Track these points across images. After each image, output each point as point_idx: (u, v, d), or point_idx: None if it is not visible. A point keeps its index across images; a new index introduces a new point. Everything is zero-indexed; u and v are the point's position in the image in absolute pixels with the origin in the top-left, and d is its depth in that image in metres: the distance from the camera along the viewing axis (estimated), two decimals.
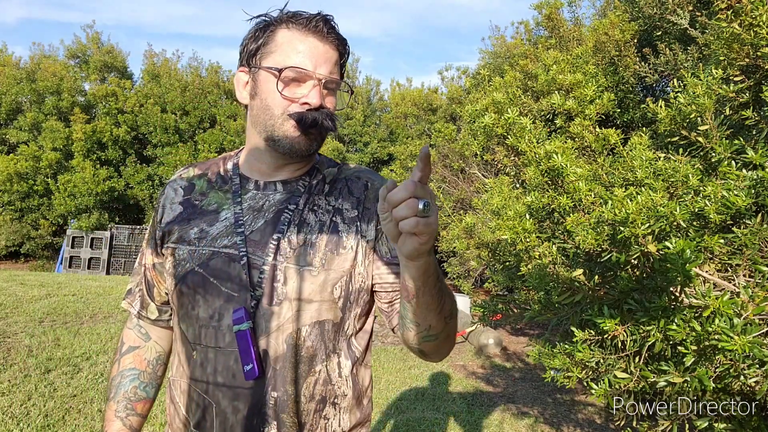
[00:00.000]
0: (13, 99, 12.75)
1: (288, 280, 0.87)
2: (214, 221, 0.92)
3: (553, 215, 1.72)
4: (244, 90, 0.93)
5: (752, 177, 1.31)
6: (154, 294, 1.01)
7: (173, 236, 0.93)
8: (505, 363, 5.55)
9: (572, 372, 1.52)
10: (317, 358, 0.88)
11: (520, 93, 3.37)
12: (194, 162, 1.07)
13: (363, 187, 0.97)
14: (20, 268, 12.07)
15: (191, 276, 0.89)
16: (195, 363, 0.88)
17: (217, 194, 0.95)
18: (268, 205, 0.92)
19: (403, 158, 12.68)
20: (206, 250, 0.89)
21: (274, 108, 0.87)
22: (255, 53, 0.89)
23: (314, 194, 0.94)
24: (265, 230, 0.90)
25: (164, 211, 0.97)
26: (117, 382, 1.01)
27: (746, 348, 1.06)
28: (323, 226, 0.91)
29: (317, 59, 0.86)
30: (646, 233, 1.21)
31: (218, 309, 0.87)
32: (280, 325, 0.86)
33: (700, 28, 2.91)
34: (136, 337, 1.04)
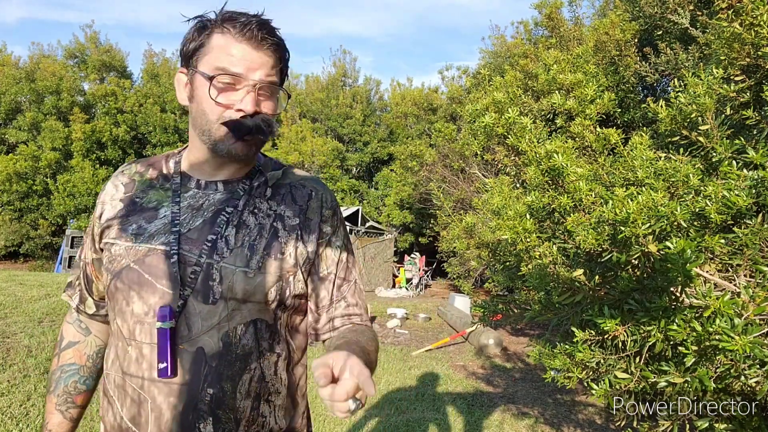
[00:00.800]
0: (12, 99, 12.74)
1: (224, 279, 0.87)
2: (152, 218, 0.92)
3: (553, 215, 1.72)
4: (183, 91, 0.92)
5: (753, 177, 1.31)
6: (92, 289, 1.02)
7: (111, 232, 0.93)
8: (506, 363, 5.55)
9: (573, 372, 1.52)
10: (252, 356, 0.90)
11: (520, 93, 3.36)
12: (137, 159, 1.06)
13: (306, 197, 0.98)
14: (19, 268, 12.06)
15: (126, 272, 0.89)
16: (130, 358, 0.88)
17: (158, 192, 0.95)
18: (207, 205, 0.93)
19: (403, 158, 12.64)
20: (143, 247, 0.89)
21: (209, 113, 0.87)
22: (192, 55, 0.89)
23: (255, 197, 0.95)
24: (202, 229, 0.90)
25: (104, 207, 0.97)
26: (57, 377, 1.03)
27: (747, 348, 1.06)
28: (263, 230, 0.92)
29: (250, 64, 0.86)
30: (646, 233, 1.21)
31: (153, 306, 0.87)
32: (216, 324, 0.87)
33: (701, 27, 2.91)
34: (75, 332, 1.05)
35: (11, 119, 13.09)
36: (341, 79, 18.32)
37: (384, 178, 16.25)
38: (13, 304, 5.26)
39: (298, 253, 0.94)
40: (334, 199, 1.02)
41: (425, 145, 12.17)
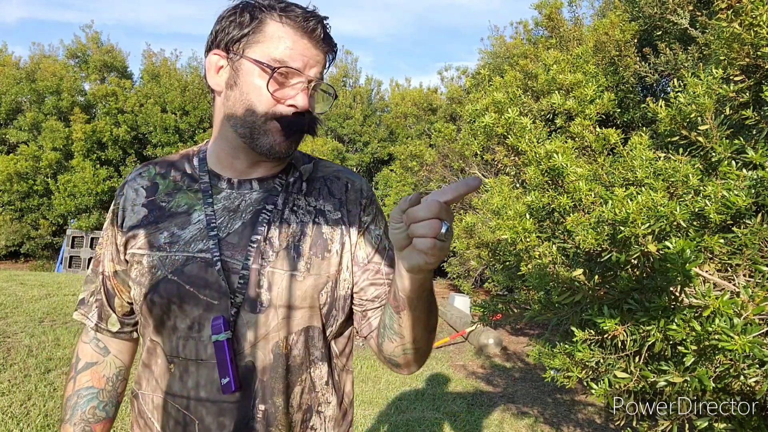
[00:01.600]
0: (12, 99, 12.75)
1: (273, 285, 0.81)
2: (185, 224, 0.84)
3: (553, 215, 1.72)
4: (217, 75, 0.84)
5: (752, 177, 1.31)
6: (114, 304, 0.92)
7: (139, 241, 0.85)
8: (505, 363, 5.55)
9: (572, 372, 1.52)
10: (303, 366, 0.84)
11: (520, 93, 3.37)
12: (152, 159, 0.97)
13: (344, 188, 0.92)
14: (20, 268, 12.07)
15: (164, 284, 0.81)
16: (173, 377, 0.82)
17: (186, 195, 0.87)
18: (244, 205, 0.85)
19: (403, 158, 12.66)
20: (179, 256, 0.82)
21: (258, 106, 0.80)
22: (239, 40, 0.81)
23: (292, 193, 0.89)
24: (243, 232, 0.83)
25: (125, 214, 0.88)
26: (73, 403, 0.92)
27: (746, 348, 1.06)
28: (305, 228, 0.86)
29: (309, 60, 0.81)
30: (646, 233, 1.21)
31: (197, 319, 0.80)
32: (266, 334, 0.81)
33: (701, 27, 2.91)
34: (93, 352, 0.95)
35: (12, 119, 13.09)
36: (342, 79, 18.33)
37: (384, 178, 16.24)
38: (13, 303, 5.26)
39: (345, 249, 0.87)
40: (370, 188, 0.96)
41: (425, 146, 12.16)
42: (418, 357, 0.84)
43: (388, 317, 0.80)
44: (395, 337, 0.80)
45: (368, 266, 0.89)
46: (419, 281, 0.69)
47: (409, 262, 0.63)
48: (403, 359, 0.84)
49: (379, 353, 0.88)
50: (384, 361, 0.88)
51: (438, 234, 0.58)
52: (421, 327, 0.78)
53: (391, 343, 0.82)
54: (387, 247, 0.92)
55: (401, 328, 0.78)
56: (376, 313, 0.89)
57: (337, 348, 0.90)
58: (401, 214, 0.61)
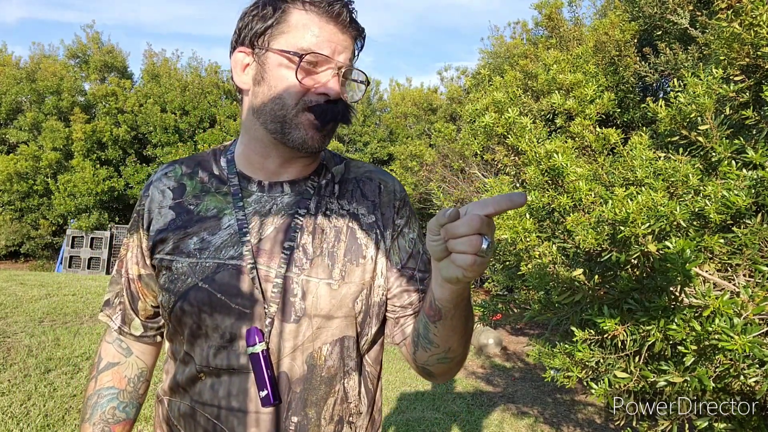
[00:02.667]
0: (13, 99, 12.76)
1: (306, 294, 0.78)
2: (215, 229, 0.81)
3: (553, 215, 1.72)
4: (243, 74, 0.82)
5: (752, 177, 1.31)
6: (138, 308, 0.90)
7: (167, 246, 0.82)
8: (505, 363, 5.55)
9: (572, 372, 1.52)
10: (337, 377, 0.81)
11: (520, 93, 3.36)
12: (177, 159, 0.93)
13: (376, 189, 0.89)
14: (20, 268, 12.07)
15: (194, 292, 0.78)
16: (203, 385, 0.79)
17: (215, 197, 0.84)
18: (276, 210, 0.82)
19: (403, 158, 12.67)
20: (210, 263, 0.79)
21: (287, 97, 0.77)
22: (263, 33, 0.78)
23: (325, 196, 0.85)
24: (275, 238, 0.80)
25: (152, 216, 0.85)
26: (93, 402, 0.90)
27: (746, 348, 1.06)
28: (339, 233, 0.83)
29: (336, 46, 0.77)
30: (646, 233, 1.21)
31: (229, 328, 0.77)
32: (301, 344, 0.78)
33: (701, 27, 2.91)
34: (115, 352, 0.93)
35: (12, 119, 13.09)
36: None
37: None
38: (13, 303, 5.26)
39: (379, 254, 0.84)
40: (402, 189, 0.92)
41: (425, 145, 12.16)
42: (453, 366, 0.82)
43: (423, 326, 0.78)
44: (430, 347, 0.78)
45: (402, 272, 0.86)
46: (457, 291, 0.67)
47: (447, 273, 0.61)
48: (437, 368, 0.82)
49: (412, 362, 0.85)
50: (417, 369, 0.85)
51: (479, 250, 0.56)
52: (457, 336, 0.76)
53: (425, 352, 0.80)
54: (421, 251, 0.89)
55: (436, 338, 0.76)
56: (409, 320, 0.86)
57: (370, 357, 0.88)
58: (439, 227, 0.58)
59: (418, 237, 0.90)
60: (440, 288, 0.67)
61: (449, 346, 0.77)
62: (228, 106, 13.75)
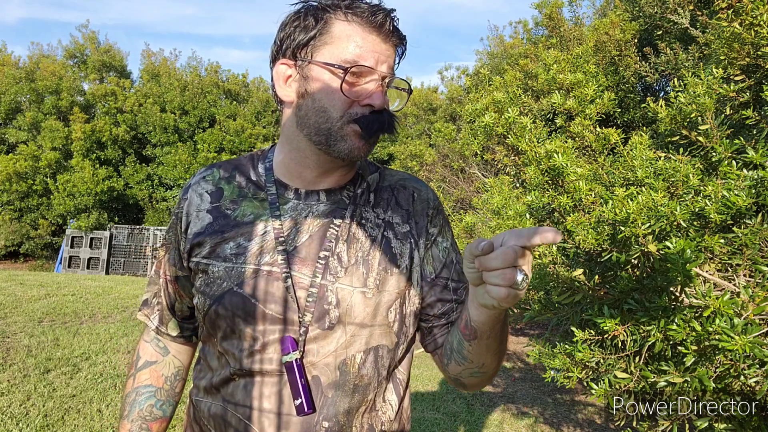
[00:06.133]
0: (12, 99, 12.75)
1: (341, 302, 0.79)
2: (251, 235, 0.81)
3: (553, 215, 1.72)
4: (286, 86, 0.81)
5: (753, 177, 1.31)
6: (175, 308, 0.92)
7: (204, 250, 0.82)
8: (505, 363, 5.56)
9: (572, 372, 1.52)
10: (371, 386, 0.82)
11: (520, 92, 3.36)
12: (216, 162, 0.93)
13: (410, 198, 0.89)
14: (19, 268, 12.07)
15: (230, 296, 0.79)
16: (236, 386, 0.80)
17: (252, 203, 0.84)
18: (311, 218, 0.82)
19: (403, 158, 12.68)
20: (245, 268, 0.79)
21: (332, 110, 0.77)
22: (305, 45, 0.78)
23: (360, 205, 0.85)
24: (310, 246, 0.80)
25: (190, 219, 0.85)
26: (132, 399, 0.92)
27: (746, 348, 1.05)
28: (374, 242, 0.83)
29: (379, 56, 0.77)
30: (646, 233, 1.21)
31: (263, 333, 0.78)
32: (334, 351, 0.79)
33: (701, 27, 2.91)
34: (153, 351, 0.95)
35: (11, 119, 13.08)
36: None
37: None
38: (13, 303, 5.25)
39: (414, 263, 0.85)
40: (436, 197, 0.93)
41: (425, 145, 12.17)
42: (485, 379, 0.84)
43: (457, 342, 0.79)
44: (464, 362, 0.80)
45: (436, 281, 0.87)
46: (493, 315, 0.68)
47: (483, 300, 0.62)
48: (470, 381, 0.84)
49: (444, 371, 0.87)
50: (449, 380, 0.87)
51: (513, 283, 0.56)
52: (491, 354, 0.77)
53: (458, 366, 0.81)
54: (454, 260, 0.89)
55: (471, 354, 0.77)
56: (443, 330, 0.87)
57: (402, 366, 0.88)
58: (473, 257, 0.59)
59: (452, 245, 0.91)
60: (476, 311, 0.69)
61: (483, 362, 0.79)
62: (228, 106, 13.74)
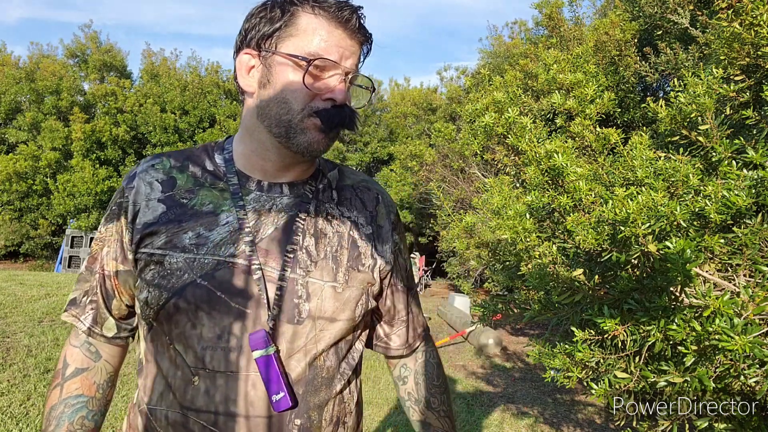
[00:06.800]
0: (12, 98, 12.74)
1: (311, 296, 0.79)
2: (213, 225, 0.79)
3: (553, 215, 1.72)
4: (248, 76, 0.80)
5: (753, 177, 1.31)
6: (112, 307, 0.86)
7: (158, 240, 0.78)
8: (505, 363, 5.55)
9: (572, 372, 1.52)
10: (337, 379, 0.83)
11: (520, 92, 3.36)
12: (162, 152, 0.90)
13: (374, 201, 0.91)
14: (19, 267, 12.06)
15: (192, 289, 0.75)
16: (197, 390, 0.75)
17: (211, 192, 0.82)
18: (275, 210, 0.82)
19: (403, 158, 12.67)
20: (209, 259, 0.77)
21: (294, 102, 0.76)
22: (270, 36, 0.77)
23: (323, 201, 0.86)
24: (276, 238, 0.80)
25: (138, 209, 0.80)
26: (59, 413, 0.83)
27: (746, 348, 1.05)
28: (342, 239, 0.84)
29: (344, 52, 0.77)
30: (646, 233, 1.21)
31: (227, 328, 0.75)
32: (304, 346, 0.78)
33: (701, 27, 2.91)
34: (83, 357, 0.87)
35: (11, 119, 13.09)
36: None
37: (384, 178, 16.25)
38: (13, 303, 5.25)
39: (377, 264, 0.87)
40: (394, 203, 0.96)
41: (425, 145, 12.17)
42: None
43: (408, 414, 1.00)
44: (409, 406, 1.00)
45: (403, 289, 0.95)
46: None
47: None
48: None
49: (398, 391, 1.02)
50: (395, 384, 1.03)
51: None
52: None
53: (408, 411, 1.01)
54: (408, 267, 0.97)
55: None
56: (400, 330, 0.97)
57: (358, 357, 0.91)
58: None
59: (406, 251, 0.97)
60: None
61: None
62: (228, 106, 13.74)
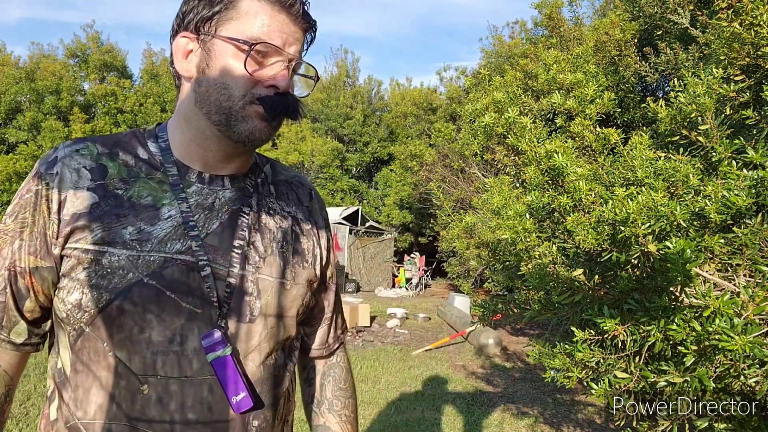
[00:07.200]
0: (12, 98, 12.75)
1: (262, 293, 0.77)
2: (154, 219, 0.73)
3: (553, 215, 1.72)
4: (186, 60, 0.76)
5: (753, 177, 1.31)
6: (24, 308, 0.73)
7: (91, 235, 0.70)
8: (505, 363, 5.55)
9: (572, 372, 1.52)
10: (286, 376, 0.82)
11: (520, 92, 3.36)
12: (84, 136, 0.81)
13: (308, 197, 0.91)
14: None
15: (139, 289, 0.69)
16: (147, 400, 0.69)
17: (148, 184, 0.75)
18: (219, 204, 0.78)
19: (403, 158, 12.66)
20: (155, 256, 0.71)
21: (234, 88, 0.72)
22: (210, 18, 0.73)
23: (264, 196, 0.84)
24: (222, 234, 0.76)
25: (64, 197, 0.71)
26: None
27: (746, 348, 1.05)
28: (286, 235, 0.83)
29: (288, 38, 0.74)
30: (646, 233, 1.21)
31: (178, 330, 0.70)
32: (257, 345, 0.76)
33: (701, 27, 2.91)
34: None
35: (11, 119, 13.09)
36: (343, 79, 18.32)
37: (384, 178, 16.25)
38: None
39: (317, 260, 0.87)
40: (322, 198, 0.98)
41: (425, 145, 12.17)
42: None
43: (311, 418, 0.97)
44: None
45: (331, 286, 0.95)
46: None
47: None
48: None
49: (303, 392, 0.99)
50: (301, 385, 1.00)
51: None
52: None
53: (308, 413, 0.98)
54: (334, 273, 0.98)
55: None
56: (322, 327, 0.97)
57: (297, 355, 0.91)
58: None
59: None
60: None
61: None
62: None
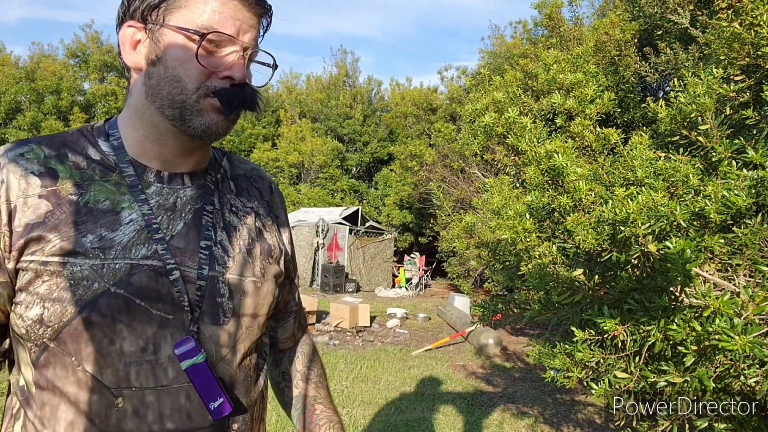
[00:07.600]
0: (12, 98, 12.76)
1: (234, 293, 0.74)
2: (115, 225, 0.69)
3: (553, 215, 1.72)
4: (134, 51, 0.71)
5: (753, 177, 1.31)
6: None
7: (50, 245, 0.65)
8: (505, 363, 5.55)
9: (572, 372, 1.52)
10: (260, 376, 0.81)
11: (520, 92, 3.36)
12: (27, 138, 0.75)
13: (268, 191, 0.89)
14: None
15: (107, 299, 0.66)
16: (123, 413, 0.67)
17: (104, 187, 0.70)
18: (181, 204, 0.75)
19: (403, 158, 12.66)
20: (120, 264, 0.67)
21: (187, 81, 0.68)
22: (157, 6, 0.69)
23: (225, 193, 0.81)
24: (187, 235, 0.73)
25: (14, 207, 0.66)
26: None
27: (746, 348, 1.05)
28: (251, 231, 0.81)
29: (241, 25, 0.70)
30: (646, 233, 1.21)
31: (151, 338, 0.68)
32: (233, 346, 0.74)
33: (701, 27, 2.91)
34: None
35: (11, 119, 13.10)
36: (343, 79, 18.33)
37: (384, 178, 16.25)
38: None
39: (282, 255, 0.85)
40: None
41: (425, 145, 12.17)
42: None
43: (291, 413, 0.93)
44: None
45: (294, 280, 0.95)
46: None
47: None
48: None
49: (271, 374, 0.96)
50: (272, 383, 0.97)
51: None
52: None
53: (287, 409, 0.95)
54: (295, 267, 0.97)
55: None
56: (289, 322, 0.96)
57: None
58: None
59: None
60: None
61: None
62: None
